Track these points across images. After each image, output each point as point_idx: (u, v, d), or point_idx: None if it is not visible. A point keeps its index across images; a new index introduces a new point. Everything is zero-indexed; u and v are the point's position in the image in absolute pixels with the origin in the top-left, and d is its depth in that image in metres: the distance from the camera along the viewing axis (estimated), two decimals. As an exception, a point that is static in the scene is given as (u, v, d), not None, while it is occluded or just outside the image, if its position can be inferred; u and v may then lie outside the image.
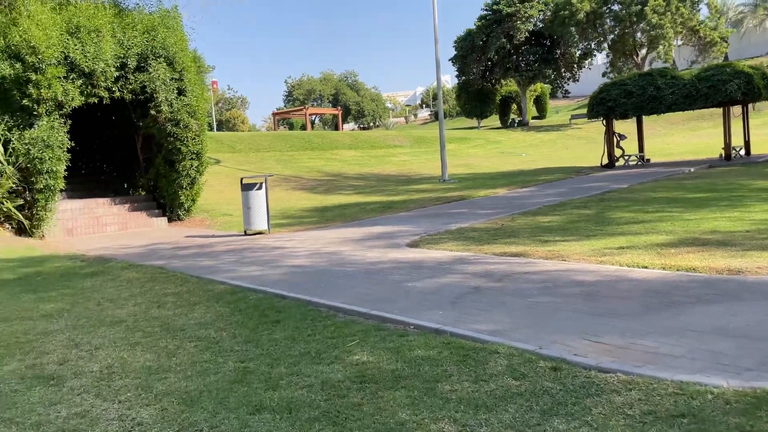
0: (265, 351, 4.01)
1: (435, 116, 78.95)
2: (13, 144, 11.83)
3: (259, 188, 10.95)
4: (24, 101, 11.93)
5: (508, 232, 8.76)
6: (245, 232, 11.24)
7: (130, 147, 15.72)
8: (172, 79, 13.64)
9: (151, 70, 13.30)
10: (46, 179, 11.83)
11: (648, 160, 21.76)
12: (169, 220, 14.34)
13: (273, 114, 52.62)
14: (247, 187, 11.04)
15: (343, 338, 4.13)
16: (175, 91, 13.62)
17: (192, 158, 13.88)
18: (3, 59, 11.88)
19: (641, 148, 22.05)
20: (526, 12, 43.26)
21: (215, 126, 72.58)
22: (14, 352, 4.34)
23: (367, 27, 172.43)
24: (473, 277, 5.92)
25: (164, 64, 13.53)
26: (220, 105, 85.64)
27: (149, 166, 14.87)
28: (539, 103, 54.77)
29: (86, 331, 4.84)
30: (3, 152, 11.88)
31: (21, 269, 8.14)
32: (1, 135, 12.09)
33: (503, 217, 10.42)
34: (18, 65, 11.86)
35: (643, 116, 21.49)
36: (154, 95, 13.35)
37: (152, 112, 13.47)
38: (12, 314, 5.56)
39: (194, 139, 13.80)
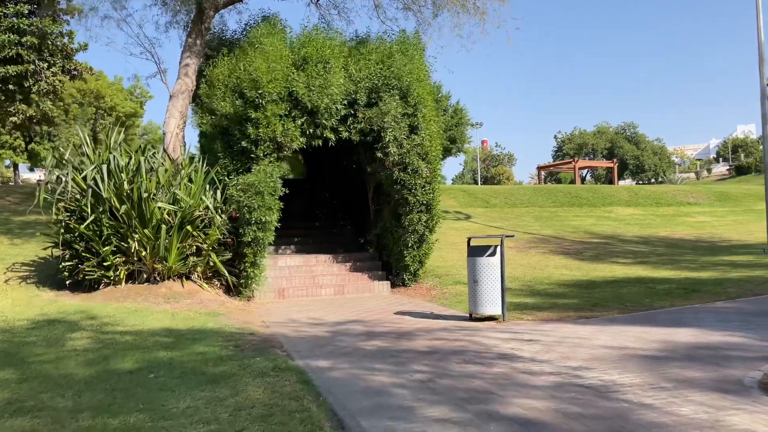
0: None
1: (735, 171, 66.45)
2: (229, 190, 10.52)
3: (492, 254, 7.57)
4: (243, 142, 10.64)
5: None
6: (470, 315, 7.91)
7: (364, 197, 13.80)
8: (404, 114, 11.23)
9: (381, 104, 11.10)
10: (254, 231, 10.19)
11: None
12: (393, 285, 11.75)
13: (538, 168, 48.89)
14: (475, 252, 7.75)
15: None
16: (406, 129, 11.16)
17: (420, 211, 11.16)
18: (226, 97, 10.80)
19: None
20: None
21: (480, 181, 71.73)
22: None
23: (650, 74, 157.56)
24: None
25: (397, 97, 11.23)
26: (487, 162, 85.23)
27: (378, 220, 12.64)
28: None
29: None
30: (218, 198, 10.64)
31: (156, 353, 6.02)
32: (220, 179, 10.95)
33: None
34: (238, 102, 10.64)
35: None
36: (381, 134, 11.07)
37: (378, 154, 11.19)
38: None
39: (424, 187, 11.09)
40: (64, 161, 10.35)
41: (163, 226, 9.67)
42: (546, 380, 4.62)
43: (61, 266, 10.11)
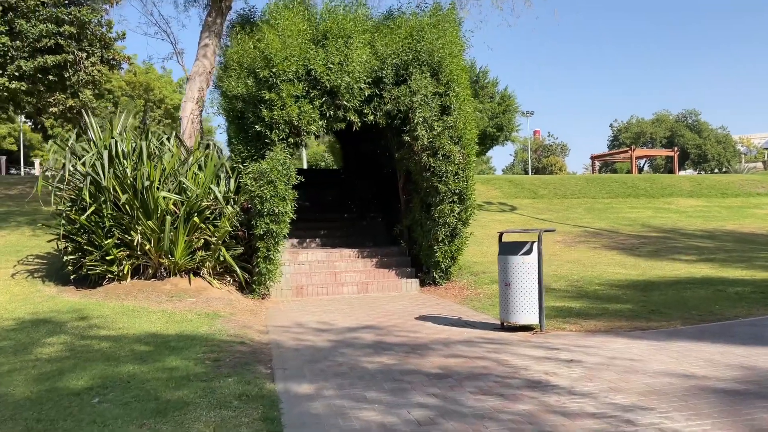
0: None
1: (809, 160, 61.85)
2: (242, 178, 9.64)
3: (528, 252, 6.36)
4: (256, 126, 9.73)
5: None
6: (502, 323, 6.73)
7: (395, 187, 12.70)
8: (435, 93, 10.06)
9: (410, 82, 9.97)
10: (266, 223, 9.26)
11: None
12: (422, 284, 10.64)
13: (591, 157, 46.47)
14: (507, 249, 6.56)
15: None
16: (437, 110, 9.99)
17: (452, 201, 9.99)
18: (240, 78, 9.90)
19: None
20: None
21: (531, 172, 69.41)
22: None
23: (715, 58, 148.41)
24: None
25: (427, 74, 10.07)
26: (538, 152, 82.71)
27: (408, 211, 11.53)
28: None
29: None
30: (231, 187, 9.79)
31: (122, 367, 5.14)
32: (234, 167, 10.11)
33: None
34: (250, 82, 9.72)
35: None
36: (409, 115, 9.95)
37: (406, 138, 10.08)
38: None
39: (456, 174, 9.91)
40: (66, 147, 9.68)
41: (168, 218, 8.84)
42: (585, 427, 3.44)
43: (64, 260, 9.48)
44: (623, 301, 8.16)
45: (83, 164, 8.99)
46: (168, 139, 10.49)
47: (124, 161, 9.14)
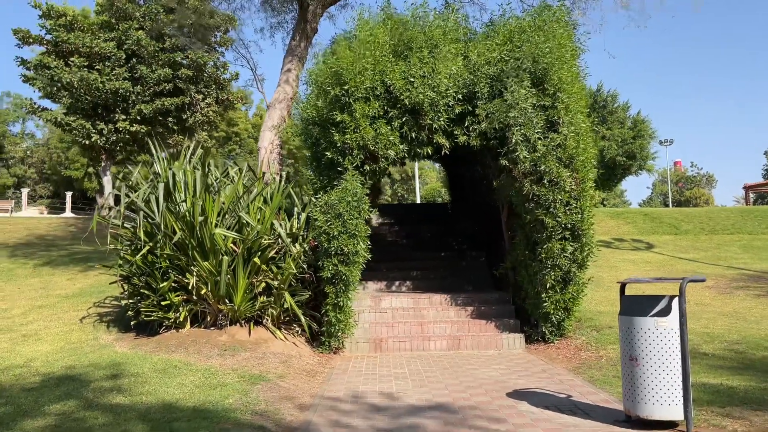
0: None
1: None
2: (311, 212, 8.39)
3: (664, 312, 4.31)
4: (328, 152, 8.48)
5: None
6: (627, 414, 4.66)
7: (498, 220, 10.87)
8: (539, 106, 8.24)
9: (506, 94, 8.25)
10: (334, 265, 7.86)
11: None
12: (528, 339, 8.62)
13: (745, 188, 40.81)
14: (633, 308, 4.53)
15: None
16: (541, 126, 8.13)
17: (563, 238, 7.98)
18: (318, 99, 8.75)
19: None
20: None
21: (671, 205, 63.14)
22: None
23: None
24: None
25: (528, 83, 8.28)
26: (680, 185, 75.65)
27: (512, 249, 9.62)
28: None
29: None
30: (301, 223, 8.57)
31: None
32: (307, 199, 8.93)
33: None
34: (321, 102, 8.52)
35: None
36: (507, 134, 8.18)
37: (503, 162, 8.30)
38: None
39: (568, 205, 7.92)
40: (129, 182, 9.00)
41: (225, 258, 7.72)
42: None
43: (123, 304, 8.71)
44: (813, 379, 5.69)
45: (138, 198, 8.19)
46: (239, 171, 9.57)
47: (183, 194, 8.23)
